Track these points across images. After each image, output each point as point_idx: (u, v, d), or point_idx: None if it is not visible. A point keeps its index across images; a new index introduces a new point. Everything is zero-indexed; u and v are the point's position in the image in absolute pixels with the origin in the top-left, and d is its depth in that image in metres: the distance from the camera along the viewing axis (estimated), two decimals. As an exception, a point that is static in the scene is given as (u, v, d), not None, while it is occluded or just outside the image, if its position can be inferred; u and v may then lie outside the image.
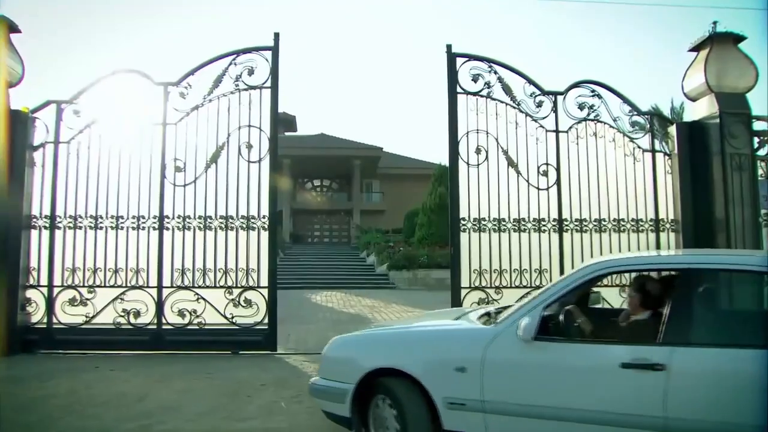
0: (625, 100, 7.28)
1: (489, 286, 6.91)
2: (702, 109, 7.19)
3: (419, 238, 24.81)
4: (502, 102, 7.10)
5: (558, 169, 7.11)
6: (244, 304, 6.81)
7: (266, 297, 6.82)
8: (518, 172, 7.04)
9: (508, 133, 7.07)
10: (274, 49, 7.06)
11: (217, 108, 7.03)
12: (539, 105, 7.10)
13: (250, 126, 7.00)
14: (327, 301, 14.82)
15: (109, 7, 64.76)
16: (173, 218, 6.93)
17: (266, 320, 6.82)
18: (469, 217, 7.01)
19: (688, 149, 7.15)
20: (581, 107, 7.22)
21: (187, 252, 6.89)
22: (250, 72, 7.01)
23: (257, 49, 7.06)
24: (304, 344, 7.66)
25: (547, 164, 7.11)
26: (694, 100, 7.37)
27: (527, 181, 7.07)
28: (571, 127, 7.22)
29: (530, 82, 7.10)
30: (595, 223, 7.15)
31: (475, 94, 7.09)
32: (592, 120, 7.25)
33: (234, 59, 7.02)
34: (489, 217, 7.01)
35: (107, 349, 6.74)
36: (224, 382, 5.43)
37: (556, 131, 7.16)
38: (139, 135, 7.02)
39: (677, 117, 20.30)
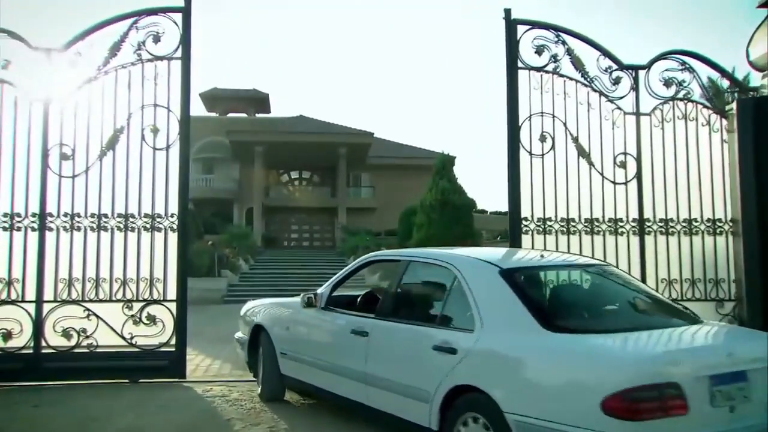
0: (727, 75, 7.15)
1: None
2: (773, 81, 6.88)
3: (417, 241, 24.76)
4: (571, 79, 7.01)
5: (638, 160, 7.03)
6: (147, 322, 6.60)
7: (174, 312, 6.64)
8: (590, 164, 6.98)
9: (579, 117, 6.98)
10: (185, 11, 6.81)
11: (115, 82, 6.74)
12: (616, 82, 7.05)
13: (156, 105, 6.78)
14: None
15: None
16: (58, 216, 6.63)
17: (173, 340, 6.63)
18: (532, 216, 6.92)
19: (752, 132, 6.85)
20: (668, 84, 7.14)
21: (75, 258, 6.60)
22: (156, 38, 6.76)
23: (164, 10, 6.79)
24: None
25: (625, 153, 7.03)
26: (762, 69, 7.13)
27: (601, 173, 6.99)
28: (654, 109, 7.13)
29: (606, 54, 7.04)
30: (684, 224, 7.08)
31: (539, 69, 6.98)
32: (682, 99, 7.16)
33: (135, 22, 6.72)
34: (556, 216, 6.95)
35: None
36: (181, 415, 5.43)
37: (637, 113, 7.07)
38: (13, 113, 6.62)
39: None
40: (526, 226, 6.97)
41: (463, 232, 23.97)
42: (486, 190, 76.60)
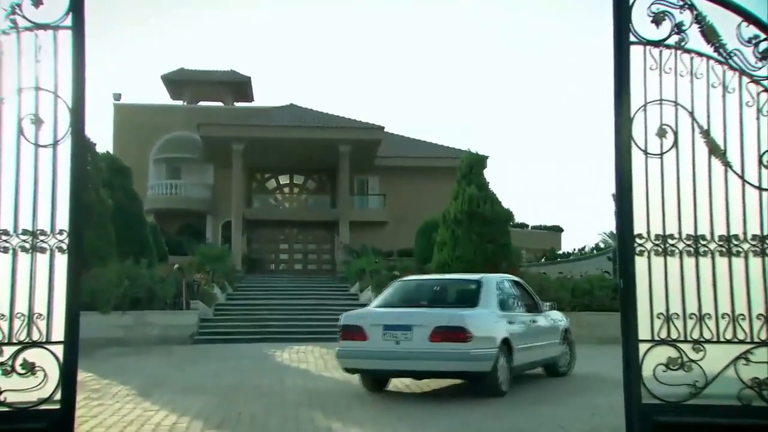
0: None
1: (683, 339, 6.65)
2: None
3: (440, 263, 24.94)
4: (700, 55, 6.68)
5: (795, 158, 6.81)
6: (23, 371, 6.20)
7: (60, 358, 6.31)
8: (727, 164, 6.71)
9: (710, 104, 6.75)
10: None
11: None
12: (764, 56, 6.75)
13: (38, 89, 6.52)
14: (299, 360, 15.27)
15: None
16: None
17: (58, 395, 6.27)
18: (648, 233, 6.62)
19: None
20: None
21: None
22: (36, 0, 6.47)
23: None
24: (264, 428, 7.86)
25: (775, 150, 6.83)
26: None
27: (742, 177, 6.72)
28: (818, 90, 6.91)
29: (750, 19, 6.75)
30: None
31: (657, 43, 6.66)
32: None
33: None
34: (680, 233, 6.73)
35: None
36: None
37: (791, 97, 6.87)
38: None
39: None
40: (640, 245, 6.73)
41: (496, 251, 23.94)
42: (527, 199, 76.76)
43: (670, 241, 6.76)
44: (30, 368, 6.27)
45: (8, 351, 6.29)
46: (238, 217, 34.85)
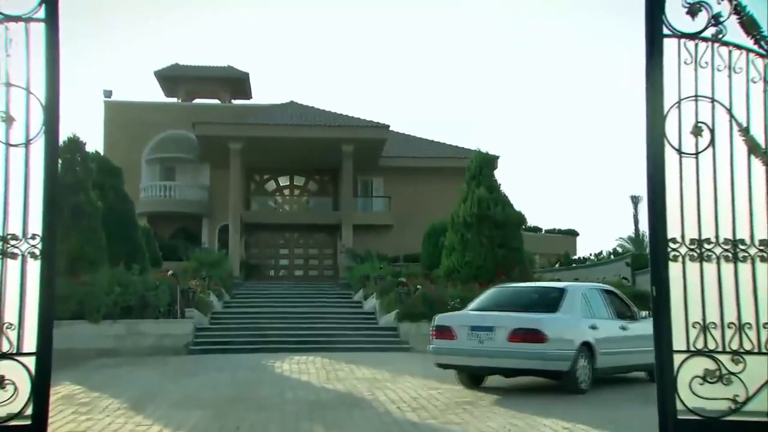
0: None
1: (721, 349, 6.58)
2: None
3: (448, 269, 24.85)
4: (739, 47, 6.66)
5: (841, 158, 6.66)
6: None
7: (32, 371, 6.27)
8: (768, 164, 6.68)
9: (750, 100, 6.62)
10: None
11: None
12: None
13: (9, 85, 6.48)
14: (300, 371, 15.10)
15: None
16: None
17: (30, 410, 6.23)
18: (683, 238, 6.64)
19: None
20: None
21: None
22: None
23: None
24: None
25: (820, 150, 6.67)
26: None
27: (785, 178, 6.65)
28: None
29: None
30: None
31: (693, 36, 6.69)
32: None
33: None
34: (717, 237, 6.65)
35: None
36: None
37: (839, 93, 6.72)
38: None
39: None
40: (674, 250, 6.63)
41: (507, 256, 23.82)
42: (540, 202, 76.60)
43: (707, 246, 6.66)
44: (-1, 381, 6.27)
45: (-25, 363, 6.28)
46: (235, 221, 34.76)
